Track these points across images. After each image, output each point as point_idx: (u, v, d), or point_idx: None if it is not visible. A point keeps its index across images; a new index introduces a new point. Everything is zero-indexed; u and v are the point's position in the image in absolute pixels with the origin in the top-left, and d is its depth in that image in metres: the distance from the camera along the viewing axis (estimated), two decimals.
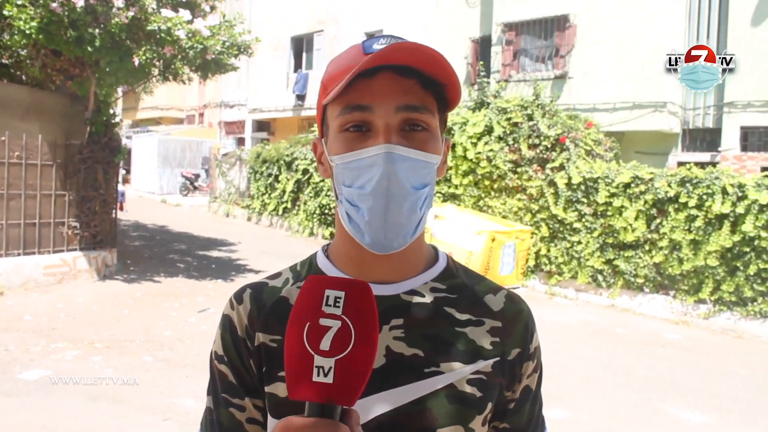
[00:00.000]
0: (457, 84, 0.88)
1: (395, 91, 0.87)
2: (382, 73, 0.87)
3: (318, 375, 0.70)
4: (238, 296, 1.00)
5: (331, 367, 0.70)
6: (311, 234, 15.04)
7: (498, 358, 0.96)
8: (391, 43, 0.87)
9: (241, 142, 23.90)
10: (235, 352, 0.97)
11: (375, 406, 0.90)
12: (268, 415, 0.96)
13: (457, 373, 0.92)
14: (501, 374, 0.96)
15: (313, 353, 0.71)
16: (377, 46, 0.88)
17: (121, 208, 13.69)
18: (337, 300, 0.72)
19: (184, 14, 8.47)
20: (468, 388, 0.93)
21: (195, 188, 23.75)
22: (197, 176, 24.06)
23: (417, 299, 0.95)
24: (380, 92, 0.87)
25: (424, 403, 0.91)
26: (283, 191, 16.03)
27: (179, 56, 8.85)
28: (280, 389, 0.93)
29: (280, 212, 16.35)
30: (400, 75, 0.87)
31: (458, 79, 0.88)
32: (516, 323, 0.99)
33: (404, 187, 0.86)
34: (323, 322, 0.71)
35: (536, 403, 1.03)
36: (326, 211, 14.67)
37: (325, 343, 0.71)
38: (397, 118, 0.87)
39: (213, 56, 8.99)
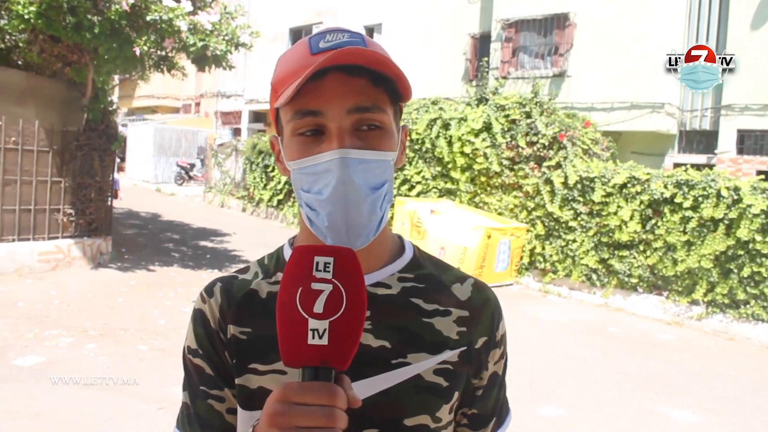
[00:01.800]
0: (404, 79, 0.87)
1: (345, 93, 0.86)
2: (332, 74, 0.85)
3: (313, 337, 0.71)
4: (209, 290, 1.02)
5: (325, 329, 0.71)
6: None
7: (464, 348, 0.97)
8: (338, 42, 0.87)
9: (237, 132, 23.84)
10: (210, 344, 0.98)
11: None
12: (239, 408, 0.96)
13: (424, 363, 0.94)
14: (468, 363, 0.97)
15: (307, 317, 0.71)
16: (323, 45, 0.87)
17: (116, 196, 13.63)
18: (327, 265, 0.73)
19: (186, 5, 8.41)
20: (435, 379, 0.94)
21: (190, 178, 23.68)
22: (192, 166, 23.99)
23: (384, 291, 0.96)
24: (330, 95, 0.85)
25: (391, 394, 0.92)
26: (279, 182, 16.02)
27: (179, 48, 8.81)
28: (251, 381, 0.94)
29: (276, 204, 16.33)
30: (350, 75, 0.86)
31: (404, 74, 0.87)
32: (482, 312, 1.00)
33: (362, 190, 0.86)
34: (315, 286, 0.72)
35: (502, 388, 1.05)
36: None
37: (319, 306, 0.71)
38: (348, 120, 0.86)
39: (214, 53, 8.95)
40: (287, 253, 1.01)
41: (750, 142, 12.22)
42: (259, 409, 0.83)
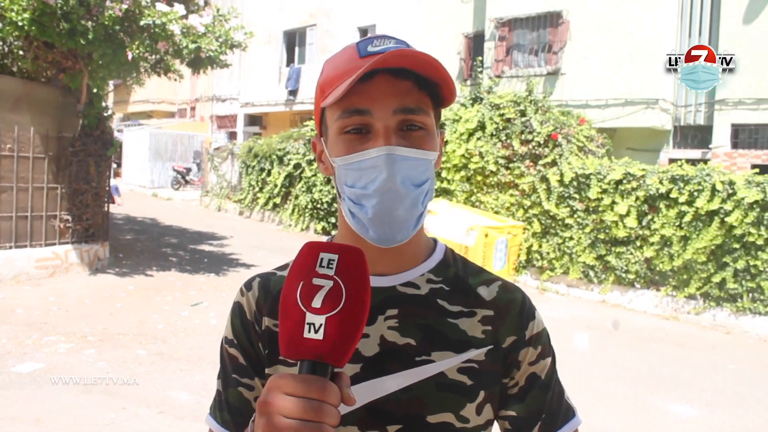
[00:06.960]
0: (450, 83, 0.91)
1: (392, 94, 0.90)
2: (379, 76, 0.89)
3: (309, 331, 0.72)
4: (248, 285, 1.05)
5: (321, 324, 0.72)
6: (303, 229, 15.04)
7: (491, 347, 0.97)
8: (385, 47, 0.91)
9: (232, 136, 23.83)
10: (245, 335, 1.02)
11: (366, 393, 0.93)
12: None
13: (448, 362, 0.95)
14: (495, 362, 0.98)
15: (305, 310, 0.72)
16: (372, 48, 0.91)
17: (113, 201, 13.59)
18: (331, 262, 0.74)
19: (179, 9, 8.41)
20: (458, 377, 0.95)
21: (186, 182, 23.65)
22: (189, 170, 23.96)
23: (412, 291, 0.98)
24: (378, 96, 0.90)
25: (413, 391, 0.93)
26: (275, 186, 16.02)
27: (172, 51, 8.81)
28: (280, 371, 0.97)
29: (272, 207, 16.33)
30: (397, 77, 0.90)
31: (451, 77, 0.91)
32: (509, 311, 1.00)
33: (406, 185, 0.90)
34: (316, 281, 0.73)
35: (549, 390, 1.03)
36: (318, 206, 14.66)
37: (317, 301, 0.72)
38: (394, 120, 0.90)
39: (207, 55, 8.95)
40: None
41: (744, 136, 12.26)
42: None
